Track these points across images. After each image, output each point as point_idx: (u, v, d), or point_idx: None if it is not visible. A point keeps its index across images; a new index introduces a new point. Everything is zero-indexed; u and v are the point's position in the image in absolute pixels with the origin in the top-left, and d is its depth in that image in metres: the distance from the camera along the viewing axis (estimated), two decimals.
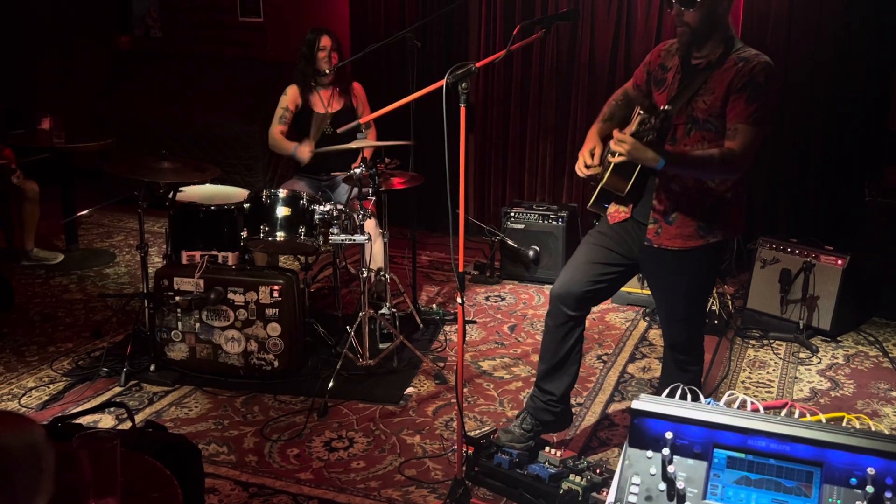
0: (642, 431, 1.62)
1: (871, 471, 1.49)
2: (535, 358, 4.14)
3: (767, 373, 4.20)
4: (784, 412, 1.75)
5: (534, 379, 3.30)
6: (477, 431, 3.26)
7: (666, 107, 2.86)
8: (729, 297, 4.84)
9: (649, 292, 4.62)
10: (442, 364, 4.15)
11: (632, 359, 4.32)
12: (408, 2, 6.35)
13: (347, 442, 3.45)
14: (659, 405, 1.63)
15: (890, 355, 4.39)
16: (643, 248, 3.04)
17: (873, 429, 1.64)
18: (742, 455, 1.57)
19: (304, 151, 4.61)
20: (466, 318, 4.76)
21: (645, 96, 3.12)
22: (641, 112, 2.95)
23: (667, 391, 1.75)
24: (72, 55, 7.57)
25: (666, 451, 1.59)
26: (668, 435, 1.60)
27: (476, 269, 5.55)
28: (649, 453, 1.61)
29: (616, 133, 2.78)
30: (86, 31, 7.53)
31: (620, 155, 2.74)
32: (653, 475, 1.59)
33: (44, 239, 5.81)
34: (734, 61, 2.84)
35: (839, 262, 4.52)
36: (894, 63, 5.30)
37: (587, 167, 3.08)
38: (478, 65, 2.84)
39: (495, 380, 4.05)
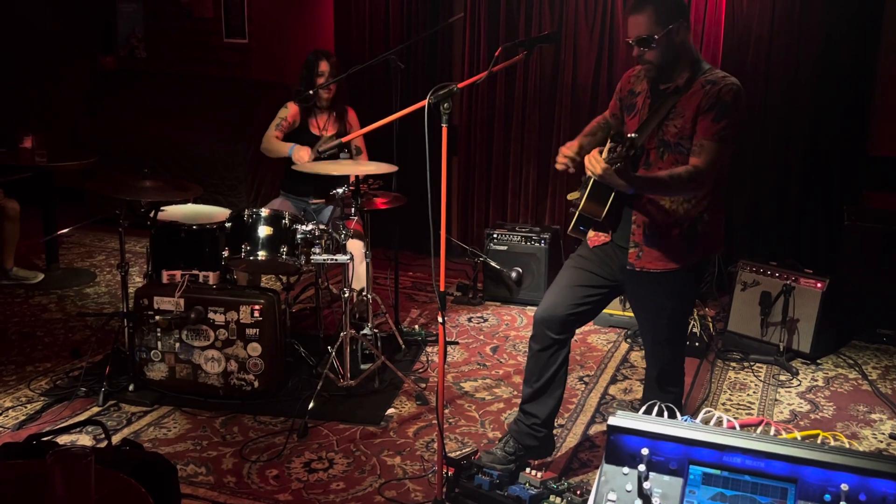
0: (618, 448, 1.62)
1: (844, 487, 1.50)
2: (518, 379, 4.14)
3: (748, 395, 4.21)
4: (759, 429, 1.75)
5: (516, 400, 3.30)
6: (458, 452, 3.24)
7: (633, 134, 2.89)
8: (710, 319, 4.87)
9: (631, 314, 4.66)
10: (423, 385, 4.14)
11: (613, 380, 4.33)
12: (392, 23, 6.39)
13: (327, 463, 3.43)
14: (635, 422, 1.64)
15: (869, 378, 4.41)
16: (625, 272, 3.06)
17: (847, 446, 1.65)
18: (717, 471, 1.58)
19: (303, 153, 4.52)
20: (448, 339, 4.75)
21: (621, 123, 3.16)
22: (609, 140, 2.97)
23: (644, 408, 1.76)
24: (56, 75, 7.55)
25: (642, 467, 1.60)
26: (644, 451, 1.61)
27: (459, 291, 5.55)
28: (625, 469, 1.61)
29: (594, 153, 2.82)
30: (70, 51, 7.52)
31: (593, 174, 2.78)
32: (629, 491, 1.60)
33: (24, 258, 5.77)
34: (701, 84, 2.88)
35: (819, 285, 4.55)
36: (874, 89, 5.37)
37: (566, 156, 3.08)
38: (459, 85, 2.87)
39: (477, 401, 4.04)
